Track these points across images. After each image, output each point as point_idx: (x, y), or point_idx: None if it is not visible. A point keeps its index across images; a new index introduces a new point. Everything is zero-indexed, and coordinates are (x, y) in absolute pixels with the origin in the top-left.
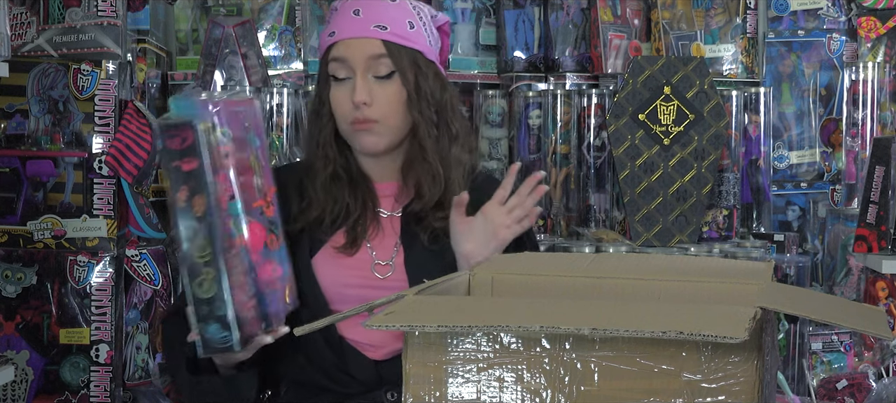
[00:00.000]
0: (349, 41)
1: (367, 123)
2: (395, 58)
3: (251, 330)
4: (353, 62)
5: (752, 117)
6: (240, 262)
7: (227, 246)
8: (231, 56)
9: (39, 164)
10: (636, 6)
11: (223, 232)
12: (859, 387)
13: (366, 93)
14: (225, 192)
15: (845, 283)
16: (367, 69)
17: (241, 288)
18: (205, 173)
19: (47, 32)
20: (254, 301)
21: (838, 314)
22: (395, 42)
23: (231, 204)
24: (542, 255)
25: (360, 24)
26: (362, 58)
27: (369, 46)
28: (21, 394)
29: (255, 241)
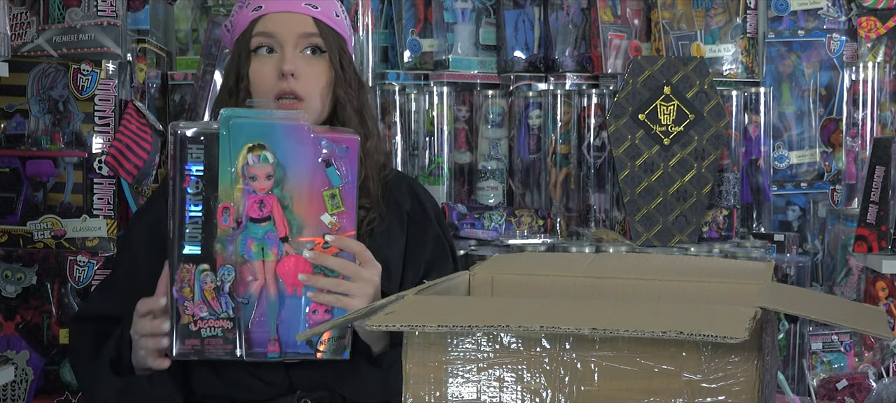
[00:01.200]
0: (278, 15)
1: (292, 102)
2: (325, 37)
3: (197, 347)
4: (282, 36)
5: (752, 117)
6: (212, 278)
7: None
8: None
9: (39, 164)
10: (636, 6)
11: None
12: (859, 387)
13: (295, 65)
14: (232, 211)
15: (845, 283)
16: (297, 44)
17: (192, 300)
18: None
19: (47, 32)
20: (226, 322)
21: (838, 314)
22: (326, 22)
23: (254, 225)
24: (542, 255)
25: (290, 0)
26: (293, 32)
27: (301, 22)
28: (21, 394)
29: (287, 275)
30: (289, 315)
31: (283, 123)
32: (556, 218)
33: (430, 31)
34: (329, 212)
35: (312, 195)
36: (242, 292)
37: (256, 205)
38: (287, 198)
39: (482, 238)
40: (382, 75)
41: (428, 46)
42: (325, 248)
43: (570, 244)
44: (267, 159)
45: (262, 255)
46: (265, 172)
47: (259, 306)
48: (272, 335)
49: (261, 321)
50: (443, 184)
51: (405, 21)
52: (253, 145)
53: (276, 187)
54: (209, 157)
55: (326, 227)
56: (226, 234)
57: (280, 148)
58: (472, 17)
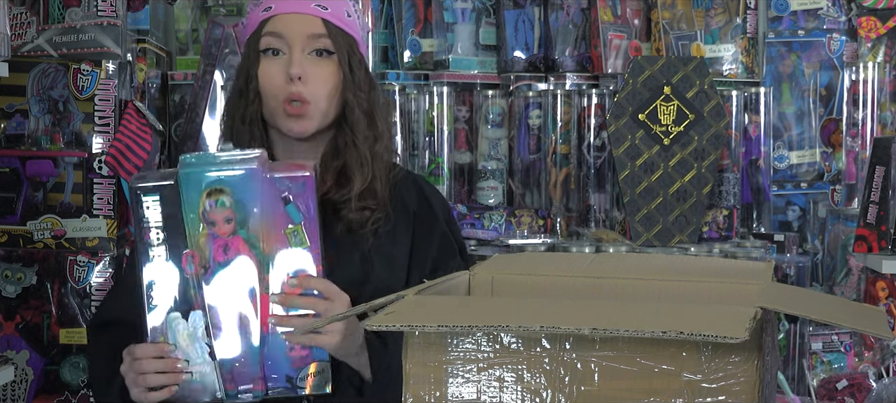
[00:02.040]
0: (288, 16)
1: (299, 106)
2: (334, 38)
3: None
4: (290, 38)
5: (752, 117)
6: (185, 326)
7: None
8: (231, 56)
9: (39, 164)
10: (636, 6)
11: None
12: (859, 387)
13: (303, 68)
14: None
15: (845, 283)
16: (305, 46)
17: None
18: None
19: (47, 32)
20: (203, 367)
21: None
22: (336, 24)
23: (220, 269)
24: (542, 255)
25: (300, 1)
26: (301, 34)
27: (310, 24)
28: (21, 394)
29: (262, 313)
30: (271, 352)
31: (237, 166)
32: (556, 218)
33: (430, 31)
34: (293, 249)
35: (276, 233)
36: (218, 336)
37: (221, 249)
38: (253, 237)
39: (482, 238)
40: (382, 75)
41: (428, 46)
42: (292, 287)
43: (570, 244)
44: (224, 203)
45: (234, 296)
46: (224, 216)
47: (239, 346)
48: (256, 373)
49: (244, 361)
50: (443, 184)
51: (405, 21)
52: (210, 190)
53: (242, 229)
54: (166, 207)
55: (293, 265)
56: (195, 281)
57: (238, 190)
58: (472, 17)
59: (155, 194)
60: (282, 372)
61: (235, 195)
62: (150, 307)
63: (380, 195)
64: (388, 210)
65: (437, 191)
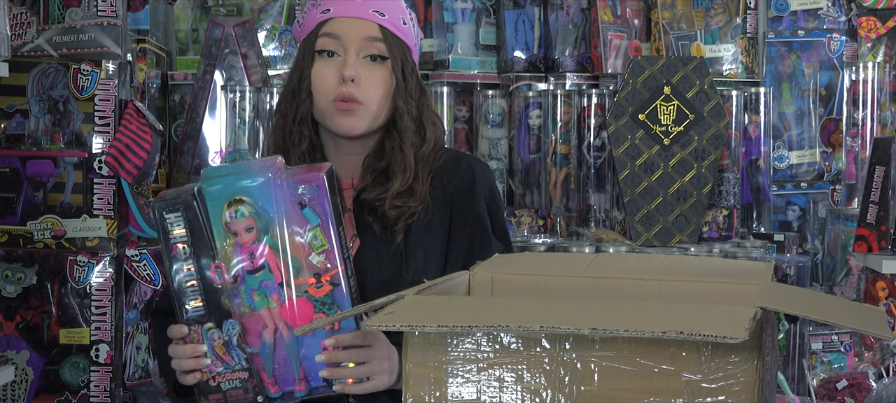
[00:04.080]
0: (345, 19)
1: (351, 103)
2: (389, 44)
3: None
4: (346, 40)
5: (752, 117)
6: (219, 334)
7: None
8: (231, 56)
9: (39, 164)
10: (636, 6)
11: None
12: (859, 387)
13: (357, 71)
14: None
15: (845, 283)
16: (360, 49)
17: (206, 358)
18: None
19: (47, 32)
20: (242, 373)
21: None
22: (391, 30)
23: (251, 276)
24: (542, 255)
25: (358, 5)
26: (358, 37)
27: (366, 27)
28: (21, 394)
29: (293, 317)
30: (308, 352)
31: (253, 175)
32: (556, 218)
33: (430, 31)
34: (315, 252)
35: (297, 238)
36: (255, 341)
37: (248, 257)
38: (278, 243)
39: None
40: None
41: (428, 46)
42: (334, 350)
43: (570, 244)
44: (244, 213)
45: (266, 303)
46: (244, 226)
47: (278, 350)
48: (297, 374)
49: (284, 363)
50: None
51: None
52: (230, 201)
53: (266, 235)
54: (189, 221)
55: (316, 267)
56: (225, 290)
57: (256, 199)
58: (472, 17)
59: (177, 211)
60: (317, 371)
61: (255, 204)
62: (187, 319)
63: (419, 193)
64: (427, 201)
65: (483, 173)
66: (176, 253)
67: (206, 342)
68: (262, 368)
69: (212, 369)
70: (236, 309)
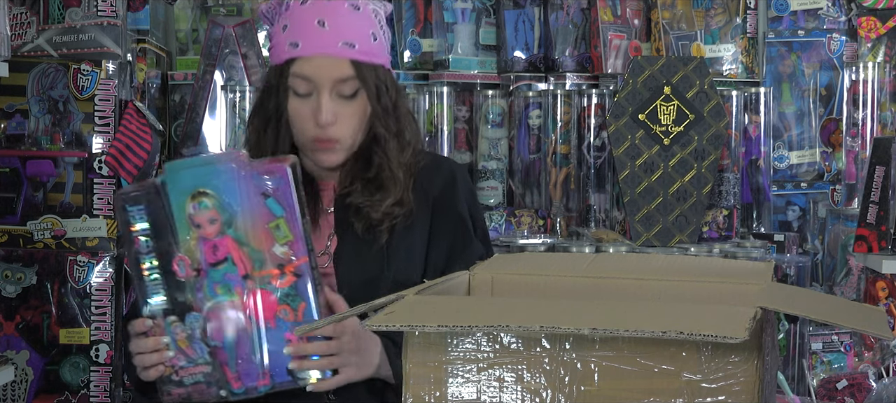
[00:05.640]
0: (314, 58)
1: (328, 142)
2: (362, 77)
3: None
4: (318, 82)
5: (752, 117)
6: (182, 328)
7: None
8: (231, 56)
9: (39, 164)
10: (636, 6)
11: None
12: (859, 387)
13: (332, 114)
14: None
15: (845, 283)
16: (333, 89)
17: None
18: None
19: (47, 32)
20: (204, 367)
21: (838, 314)
22: (363, 60)
23: (214, 269)
24: (542, 255)
25: (326, 39)
26: (329, 78)
27: (337, 67)
28: (21, 394)
29: (256, 309)
30: (271, 348)
31: (216, 167)
32: (556, 218)
33: (430, 31)
34: (279, 243)
35: (261, 229)
36: (218, 335)
37: (210, 250)
38: (241, 236)
39: None
40: None
41: (428, 46)
42: (300, 341)
43: (570, 244)
44: (207, 205)
45: (229, 296)
46: (208, 217)
47: (241, 344)
48: (260, 369)
49: (248, 356)
50: None
51: (405, 21)
52: (194, 193)
53: (229, 228)
54: (152, 214)
55: (280, 258)
56: (189, 283)
57: (220, 191)
58: (472, 17)
59: (139, 204)
60: (283, 366)
61: (218, 196)
62: (145, 310)
63: (405, 199)
64: (411, 205)
65: (463, 177)
66: (138, 246)
67: (168, 335)
68: (226, 363)
69: (174, 363)
70: (199, 302)
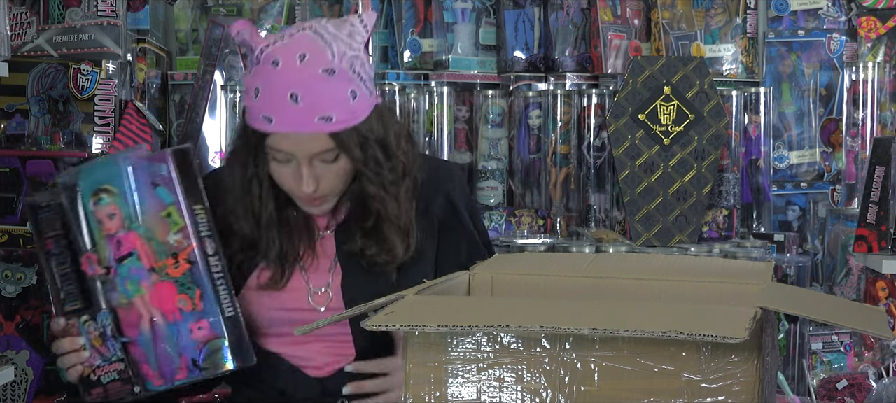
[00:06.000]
0: (290, 135)
1: (315, 200)
2: (343, 145)
3: None
4: (297, 154)
5: (752, 117)
6: (94, 326)
7: None
8: (231, 56)
9: (39, 164)
10: (636, 6)
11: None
12: (859, 387)
13: (314, 182)
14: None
15: (845, 283)
16: (313, 158)
17: (85, 351)
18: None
19: (47, 32)
20: (118, 364)
21: (838, 314)
22: (342, 128)
23: (121, 265)
24: (542, 255)
25: (301, 116)
26: (308, 152)
27: (315, 142)
28: (21, 394)
29: (162, 304)
30: (183, 341)
31: (113, 162)
32: (556, 218)
33: (430, 31)
34: (172, 232)
35: (156, 219)
36: (132, 332)
37: (115, 246)
38: (144, 229)
39: None
40: (382, 75)
41: (428, 46)
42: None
43: (570, 244)
44: (106, 201)
45: (137, 291)
46: (107, 213)
47: (156, 340)
48: (178, 363)
49: (165, 352)
50: None
51: (405, 21)
52: (95, 190)
53: (133, 223)
54: (61, 216)
55: (173, 247)
56: (101, 281)
57: (117, 185)
58: (472, 17)
59: (48, 207)
60: (189, 356)
61: (116, 191)
62: (65, 314)
63: (410, 242)
64: (416, 241)
65: (462, 186)
66: (50, 248)
67: (82, 335)
68: (144, 360)
69: (91, 362)
70: (114, 300)
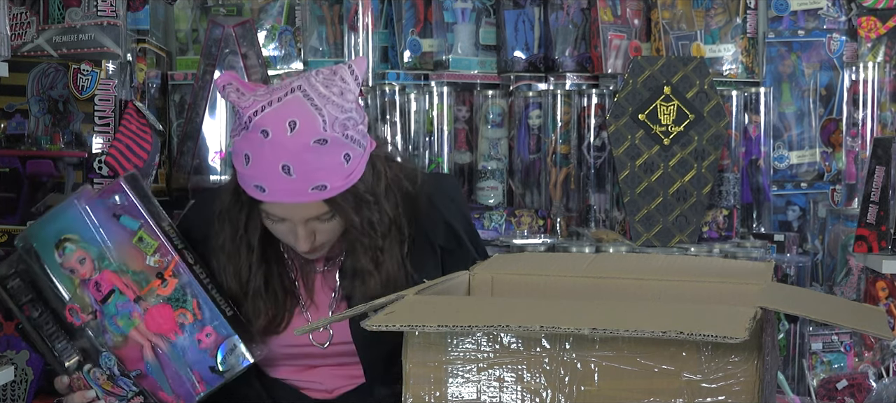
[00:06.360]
0: (284, 204)
1: (310, 252)
2: (338, 208)
3: None
4: (292, 219)
5: (752, 117)
6: (100, 371)
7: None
8: (231, 56)
9: (39, 164)
10: (636, 6)
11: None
12: (859, 387)
13: (310, 241)
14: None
15: (845, 283)
16: (308, 221)
17: (99, 399)
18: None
19: (47, 32)
20: (137, 399)
21: (838, 314)
22: (337, 193)
23: (105, 305)
24: (542, 255)
25: (294, 186)
26: (302, 217)
27: (309, 209)
28: (21, 394)
29: (161, 326)
30: (191, 356)
31: (65, 211)
32: (556, 218)
33: (430, 31)
34: (149, 255)
35: (128, 248)
36: (137, 363)
37: (94, 289)
38: (115, 264)
39: (482, 238)
40: (382, 75)
41: (428, 46)
42: None
43: (570, 244)
44: (71, 249)
45: (131, 324)
46: (77, 259)
47: (165, 365)
48: (191, 379)
49: (175, 373)
50: None
51: (405, 21)
52: (56, 243)
53: (104, 261)
54: (30, 280)
55: (155, 268)
56: (90, 328)
57: (76, 230)
58: (472, 17)
59: (14, 277)
60: (206, 367)
61: (78, 236)
62: (66, 370)
63: (404, 230)
64: (408, 234)
65: (459, 203)
66: (29, 313)
67: (91, 384)
68: (158, 388)
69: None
70: (109, 342)
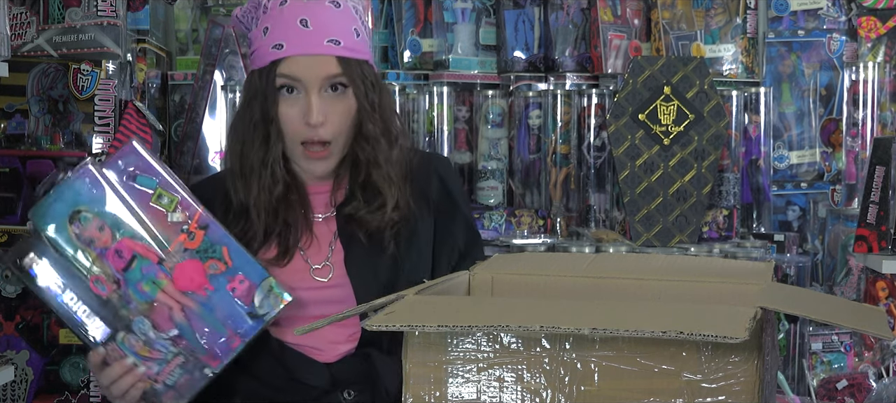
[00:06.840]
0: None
1: (321, 150)
2: (349, 72)
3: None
4: (306, 81)
5: (752, 117)
6: (135, 338)
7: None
8: (231, 56)
9: (39, 164)
10: (636, 6)
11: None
12: (859, 387)
13: (322, 113)
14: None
15: (845, 283)
16: (321, 86)
17: (138, 367)
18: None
19: (47, 32)
20: (178, 359)
21: (838, 314)
22: (348, 57)
23: (129, 272)
24: (542, 255)
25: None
26: (317, 77)
27: (324, 65)
28: (21, 394)
29: (191, 282)
30: (222, 307)
31: (73, 184)
32: (556, 218)
33: (430, 31)
34: (170, 212)
35: (148, 209)
36: (169, 324)
37: (116, 257)
38: (134, 230)
39: (482, 238)
40: (382, 75)
41: (428, 46)
42: None
43: (570, 244)
44: (87, 217)
45: (157, 287)
46: (96, 227)
47: (195, 324)
48: (224, 334)
49: (208, 331)
50: None
51: (405, 21)
52: (70, 216)
53: (120, 229)
54: (48, 257)
55: (180, 224)
56: (115, 298)
57: (89, 200)
58: (472, 17)
59: (30, 252)
60: (241, 317)
61: (91, 205)
62: (93, 343)
63: (402, 202)
64: (407, 212)
65: (455, 175)
66: (53, 292)
67: (127, 352)
68: (192, 348)
69: (149, 373)
70: (136, 310)
